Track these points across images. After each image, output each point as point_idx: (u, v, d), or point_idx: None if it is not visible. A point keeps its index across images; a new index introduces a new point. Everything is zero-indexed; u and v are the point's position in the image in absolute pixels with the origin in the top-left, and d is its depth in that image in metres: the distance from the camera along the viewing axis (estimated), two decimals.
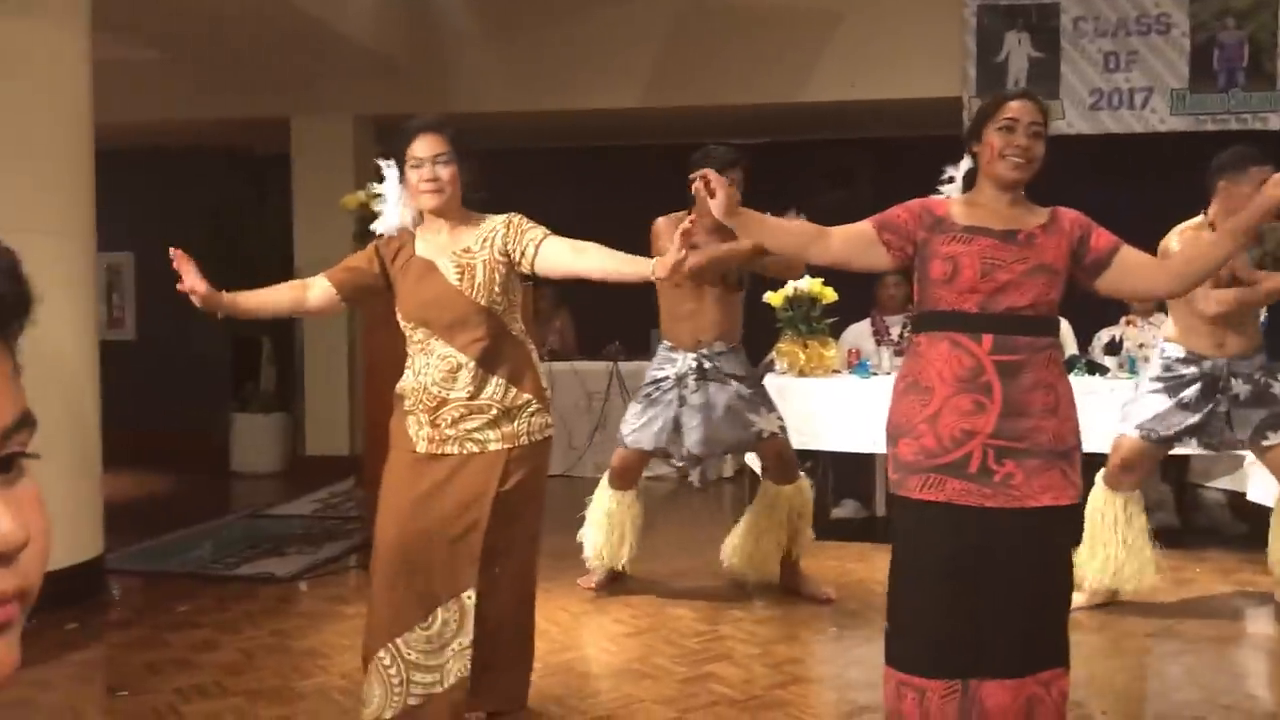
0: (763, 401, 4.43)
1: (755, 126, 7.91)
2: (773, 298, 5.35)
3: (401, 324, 3.02)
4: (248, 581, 4.88)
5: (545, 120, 7.77)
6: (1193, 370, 4.07)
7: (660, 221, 4.31)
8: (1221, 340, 4.04)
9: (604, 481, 4.57)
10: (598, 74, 7.31)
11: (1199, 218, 3.98)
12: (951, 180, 2.90)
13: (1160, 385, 4.12)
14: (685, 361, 4.34)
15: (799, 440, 5.26)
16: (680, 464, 4.55)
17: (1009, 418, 2.61)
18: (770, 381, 5.40)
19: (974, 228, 2.69)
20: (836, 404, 5.31)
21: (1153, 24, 6.67)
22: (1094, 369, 5.43)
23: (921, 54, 6.92)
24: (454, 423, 2.92)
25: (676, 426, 4.35)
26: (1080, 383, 4.37)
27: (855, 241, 2.78)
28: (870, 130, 7.92)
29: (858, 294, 5.59)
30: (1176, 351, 4.12)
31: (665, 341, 4.44)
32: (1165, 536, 5.24)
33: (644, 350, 7.41)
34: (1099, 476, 4.20)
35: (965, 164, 2.85)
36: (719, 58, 7.21)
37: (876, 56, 7.00)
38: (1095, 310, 4.50)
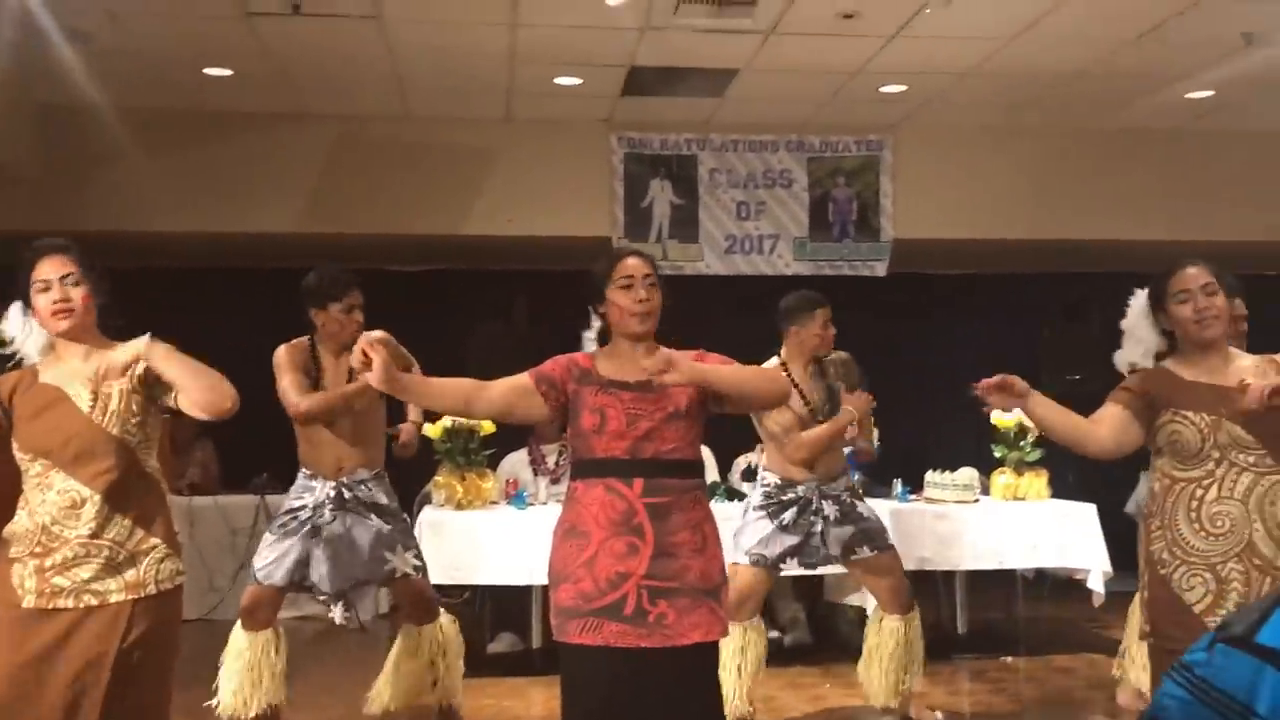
0: (401, 538, 4.21)
1: (418, 254, 7.95)
2: (431, 430, 5.30)
3: (18, 457, 2.76)
4: None
5: (195, 241, 7.45)
6: (789, 495, 4.36)
7: (281, 351, 4.18)
8: (810, 464, 4.37)
9: (238, 624, 4.20)
10: (254, 196, 7.12)
11: (775, 359, 4.40)
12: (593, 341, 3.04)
13: (763, 512, 4.38)
14: (324, 490, 4.14)
15: (456, 575, 5.20)
16: (323, 599, 4.27)
17: (660, 558, 2.72)
18: (427, 515, 5.33)
19: (615, 381, 2.84)
20: (494, 537, 5.29)
21: (777, 179, 7.41)
22: (733, 495, 5.71)
23: (575, 195, 7.26)
24: (67, 568, 2.67)
25: (309, 559, 4.11)
26: (720, 509, 4.61)
27: (514, 393, 2.87)
28: (530, 263, 8.16)
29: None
30: (774, 479, 4.42)
31: (304, 469, 4.21)
32: (799, 653, 5.60)
33: (294, 482, 7.08)
34: None
35: (596, 325, 2.99)
36: (379, 186, 7.23)
37: (532, 195, 7.27)
38: (733, 437, 4.81)
